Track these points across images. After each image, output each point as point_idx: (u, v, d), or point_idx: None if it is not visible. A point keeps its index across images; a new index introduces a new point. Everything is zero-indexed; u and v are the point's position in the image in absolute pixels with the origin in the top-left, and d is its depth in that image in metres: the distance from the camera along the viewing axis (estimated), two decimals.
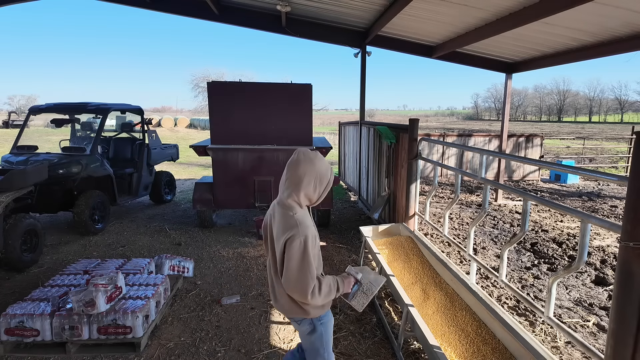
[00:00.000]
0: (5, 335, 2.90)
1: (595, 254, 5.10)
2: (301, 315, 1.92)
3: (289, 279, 1.75)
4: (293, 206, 1.82)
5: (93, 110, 6.27)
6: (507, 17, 4.83)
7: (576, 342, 1.87)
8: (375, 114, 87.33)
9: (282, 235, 1.76)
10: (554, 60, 6.54)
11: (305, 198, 1.84)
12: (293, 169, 1.82)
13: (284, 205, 1.84)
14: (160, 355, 2.95)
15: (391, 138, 5.23)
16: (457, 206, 7.87)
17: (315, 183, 1.83)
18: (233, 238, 5.68)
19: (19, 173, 4.24)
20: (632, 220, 1.44)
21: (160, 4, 7.03)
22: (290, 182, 1.82)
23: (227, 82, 5.75)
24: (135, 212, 7.12)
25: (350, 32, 7.30)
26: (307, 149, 1.87)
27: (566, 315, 3.59)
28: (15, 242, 4.26)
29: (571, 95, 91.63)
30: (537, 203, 2.21)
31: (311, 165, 1.81)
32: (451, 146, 8.51)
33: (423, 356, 2.94)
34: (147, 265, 3.91)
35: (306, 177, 1.80)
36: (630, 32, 4.92)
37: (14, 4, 7.04)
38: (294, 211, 1.81)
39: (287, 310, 1.93)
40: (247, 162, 5.66)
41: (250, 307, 3.68)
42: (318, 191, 1.85)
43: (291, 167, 1.83)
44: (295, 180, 1.81)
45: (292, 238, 1.73)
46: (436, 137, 11.51)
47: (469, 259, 2.96)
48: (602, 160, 15.55)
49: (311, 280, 1.75)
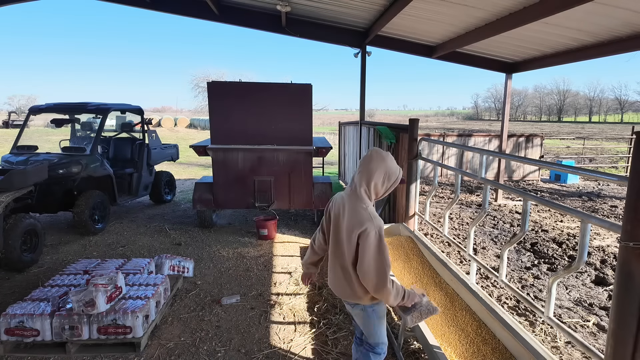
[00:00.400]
0: (5, 335, 2.90)
1: (595, 254, 5.10)
2: (356, 300, 2.09)
3: (366, 270, 1.90)
4: (364, 198, 1.99)
5: (93, 110, 6.27)
6: (507, 17, 4.83)
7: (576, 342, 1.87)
8: (375, 114, 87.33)
9: (356, 227, 1.92)
10: (554, 60, 6.54)
11: (374, 191, 2.01)
12: (366, 164, 2.00)
13: (356, 197, 2.00)
14: (160, 355, 2.95)
15: (391, 138, 5.22)
16: (457, 206, 7.87)
17: (385, 178, 2.00)
18: (233, 238, 5.68)
19: (19, 173, 4.24)
20: (632, 220, 1.44)
21: (160, 4, 7.03)
22: (362, 175, 2.00)
23: (227, 82, 5.75)
24: (135, 212, 7.12)
25: (350, 32, 7.30)
26: (380, 149, 2.06)
27: (566, 315, 3.59)
28: (15, 242, 4.26)
29: (571, 95, 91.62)
30: (537, 203, 2.21)
31: (383, 162, 2.00)
32: (451, 146, 8.51)
33: (423, 356, 2.94)
34: (147, 265, 3.91)
35: (377, 172, 1.98)
36: (630, 32, 4.92)
37: (14, 4, 7.04)
38: (365, 204, 1.98)
39: (342, 293, 2.11)
40: (247, 162, 5.66)
41: (250, 307, 3.68)
42: (385, 186, 2.03)
43: (365, 162, 2.01)
44: (367, 174, 1.99)
45: (367, 231, 1.89)
46: (436, 137, 11.51)
47: (469, 259, 2.96)
48: (602, 160, 15.55)
49: (388, 269, 1.92)
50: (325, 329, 3.32)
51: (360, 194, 1.99)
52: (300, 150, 5.66)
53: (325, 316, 3.52)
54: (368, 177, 1.99)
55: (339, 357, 2.95)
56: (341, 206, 2.05)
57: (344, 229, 1.99)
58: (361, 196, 1.99)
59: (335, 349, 3.04)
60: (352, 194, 2.02)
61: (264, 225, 5.57)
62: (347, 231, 1.97)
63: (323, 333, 3.26)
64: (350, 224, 1.95)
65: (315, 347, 3.07)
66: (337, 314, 3.54)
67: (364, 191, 2.00)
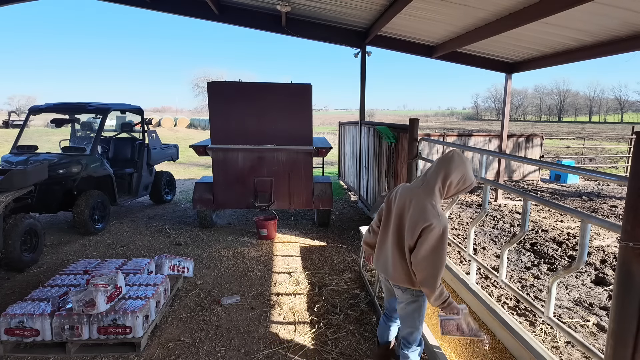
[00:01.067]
0: (5, 335, 2.90)
1: (595, 254, 5.10)
2: (409, 285, 2.16)
3: (421, 261, 1.98)
4: (436, 195, 2.04)
5: (93, 110, 6.27)
6: (507, 17, 4.83)
7: (576, 342, 1.87)
8: (375, 114, 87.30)
9: (422, 222, 1.97)
10: (554, 60, 6.54)
11: (447, 190, 2.07)
12: (447, 162, 2.07)
13: (428, 192, 2.05)
14: (160, 355, 2.95)
15: (391, 138, 5.22)
16: (457, 206, 7.87)
17: (460, 180, 2.08)
18: (233, 238, 5.68)
19: (19, 173, 4.24)
20: (632, 220, 1.44)
21: (160, 4, 7.03)
22: (439, 172, 2.06)
23: (227, 82, 5.75)
24: (135, 212, 7.12)
25: (350, 32, 7.30)
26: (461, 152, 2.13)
27: (566, 315, 3.59)
28: (15, 242, 4.26)
29: (571, 95, 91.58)
30: (537, 203, 2.20)
31: (463, 165, 2.09)
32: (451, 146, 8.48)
33: (423, 356, 2.94)
34: (147, 265, 3.91)
35: (456, 172, 2.06)
36: (630, 32, 4.92)
37: (14, 3, 7.04)
38: (435, 201, 2.03)
39: (397, 278, 2.18)
40: (247, 162, 5.66)
41: (250, 307, 3.68)
42: (459, 187, 2.09)
43: (445, 160, 2.09)
44: (446, 172, 2.05)
45: (432, 227, 1.95)
46: (436, 137, 11.51)
47: (469, 259, 2.96)
48: (602, 160, 15.55)
49: (442, 267, 1.98)
50: (325, 329, 3.32)
51: (433, 190, 2.05)
52: (300, 150, 5.66)
53: (325, 316, 3.52)
54: (445, 175, 2.05)
55: (339, 357, 2.95)
56: (408, 198, 2.12)
57: (408, 220, 2.05)
58: (433, 192, 2.04)
59: (335, 349, 3.04)
60: (424, 188, 2.08)
61: (264, 225, 5.57)
62: (411, 223, 2.03)
63: (323, 333, 3.26)
64: (416, 217, 2.01)
65: (315, 347, 3.07)
66: (337, 314, 3.55)
67: (438, 188, 2.05)
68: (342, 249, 5.31)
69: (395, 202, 2.20)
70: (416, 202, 2.05)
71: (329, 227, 6.27)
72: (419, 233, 1.98)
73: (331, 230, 6.11)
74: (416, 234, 1.99)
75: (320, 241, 5.61)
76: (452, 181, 2.06)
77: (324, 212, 6.12)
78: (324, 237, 5.81)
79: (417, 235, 1.99)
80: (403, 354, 2.31)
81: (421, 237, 1.98)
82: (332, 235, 5.90)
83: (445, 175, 2.05)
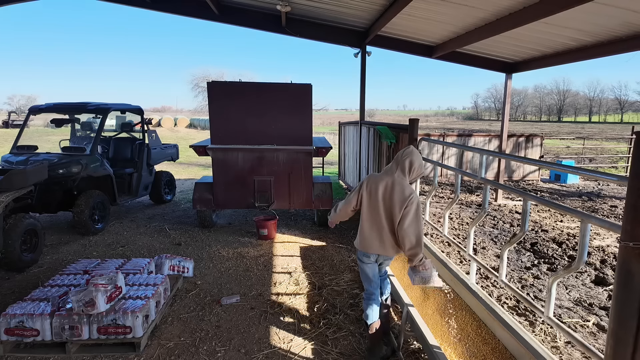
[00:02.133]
0: (5, 335, 2.90)
1: (595, 254, 5.10)
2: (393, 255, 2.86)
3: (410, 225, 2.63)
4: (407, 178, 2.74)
5: (93, 110, 6.27)
6: (507, 17, 4.82)
7: (576, 342, 1.87)
8: (375, 113, 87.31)
9: (408, 194, 2.66)
10: (553, 60, 6.54)
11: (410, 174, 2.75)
12: (409, 155, 2.75)
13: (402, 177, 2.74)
14: (160, 355, 2.95)
15: (391, 138, 5.22)
16: (457, 206, 7.87)
17: (419, 166, 2.77)
18: (233, 238, 5.68)
19: (19, 173, 4.24)
20: (632, 220, 1.44)
21: (160, 4, 7.03)
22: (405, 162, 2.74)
23: (227, 82, 5.75)
24: (135, 212, 7.12)
25: (350, 32, 7.29)
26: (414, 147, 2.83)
27: (566, 315, 3.59)
28: (15, 242, 4.26)
29: (571, 95, 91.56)
30: (537, 203, 2.20)
31: (419, 156, 2.79)
32: (451, 146, 8.51)
33: (423, 356, 2.94)
34: (147, 265, 3.91)
35: (417, 161, 2.75)
36: (630, 32, 4.92)
37: (14, 3, 7.04)
38: (407, 182, 2.74)
39: (389, 251, 2.81)
40: (247, 162, 5.65)
41: (250, 307, 3.68)
42: (418, 172, 2.78)
43: (407, 153, 2.76)
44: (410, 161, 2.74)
45: (413, 197, 2.66)
46: (436, 137, 11.51)
47: (469, 259, 2.96)
48: (602, 160, 15.55)
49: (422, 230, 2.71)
50: (325, 329, 3.32)
51: (405, 175, 2.74)
52: (300, 150, 5.66)
53: (325, 316, 3.52)
54: (411, 164, 2.73)
55: (339, 357, 2.95)
56: (388, 183, 2.73)
57: (396, 197, 2.68)
58: (405, 175, 2.74)
59: (335, 349, 3.04)
60: (398, 173, 2.74)
61: (264, 225, 5.57)
62: (398, 198, 2.67)
63: (323, 333, 3.26)
64: (402, 194, 2.67)
65: (315, 347, 3.07)
66: (337, 314, 3.55)
67: (406, 172, 2.74)
68: (342, 249, 5.31)
69: (376, 189, 2.75)
70: (397, 183, 2.71)
71: (329, 227, 6.27)
72: (405, 204, 2.63)
73: (331, 230, 6.11)
74: (404, 205, 2.64)
75: (320, 241, 5.62)
76: (414, 168, 2.74)
77: (324, 212, 6.12)
78: (324, 237, 5.81)
79: (404, 207, 2.64)
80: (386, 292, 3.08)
81: (407, 208, 2.63)
82: (332, 235, 5.90)
83: (410, 164, 2.73)
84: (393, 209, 2.69)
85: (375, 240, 2.79)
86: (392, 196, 2.69)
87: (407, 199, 2.63)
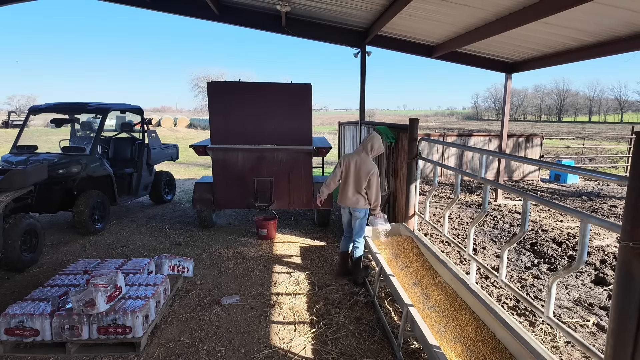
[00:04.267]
0: (5, 335, 2.90)
1: (595, 254, 5.10)
2: (361, 207, 4.06)
3: (374, 191, 3.98)
4: (370, 155, 4.04)
5: (93, 110, 6.27)
6: (507, 17, 4.83)
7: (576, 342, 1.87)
8: (375, 113, 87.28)
9: (371, 169, 3.96)
10: (553, 60, 6.54)
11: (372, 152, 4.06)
12: (370, 138, 4.07)
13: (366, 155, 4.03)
14: (160, 355, 2.95)
15: (391, 138, 5.23)
16: (457, 206, 7.87)
17: (378, 146, 4.06)
18: (233, 238, 5.68)
19: (18, 173, 4.23)
20: (632, 220, 1.44)
21: (160, 3, 7.03)
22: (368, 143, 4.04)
23: (227, 82, 5.74)
24: (135, 212, 7.12)
25: (350, 32, 7.30)
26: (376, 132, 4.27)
27: (566, 315, 3.59)
28: (15, 242, 4.26)
29: (571, 95, 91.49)
30: (537, 203, 2.21)
31: (377, 140, 4.06)
32: (451, 146, 8.51)
33: (423, 356, 2.94)
34: (147, 265, 3.91)
35: (377, 143, 4.06)
36: (630, 32, 4.93)
37: (14, 3, 7.04)
38: (369, 159, 4.02)
39: (354, 203, 4.06)
40: (247, 162, 5.65)
41: (250, 307, 3.68)
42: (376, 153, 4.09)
43: (369, 137, 4.08)
44: (371, 143, 4.04)
45: (374, 171, 3.96)
46: (436, 137, 11.51)
47: (469, 259, 2.96)
48: (602, 160, 15.55)
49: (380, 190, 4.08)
50: (325, 329, 3.32)
51: (368, 153, 4.03)
52: (300, 150, 5.66)
53: (325, 316, 3.52)
54: (372, 146, 4.04)
55: (338, 357, 2.95)
56: (356, 159, 4.02)
57: (363, 171, 3.96)
58: (368, 154, 4.03)
59: (335, 349, 3.04)
60: (363, 153, 4.03)
61: (263, 225, 5.57)
62: (363, 171, 3.96)
63: (323, 333, 3.26)
64: (366, 168, 3.96)
65: (315, 347, 3.07)
66: (337, 314, 3.55)
67: (369, 152, 4.03)
68: None
69: (348, 164, 4.03)
70: (362, 160, 4.00)
71: (328, 227, 6.27)
72: (368, 176, 3.94)
73: (331, 230, 6.11)
74: (368, 176, 3.94)
75: (320, 241, 5.62)
76: (374, 148, 4.03)
77: (324, 212, 6.12)
78: (324, 237, 5.81)
79: (367, 177, 3.94)
80: (355, 245, 4.19)
81: (370, 179, 3.95)
82: (332, 235, 5.90)
83: (371, 146, 4.04)
84: (359, 177, 3.98)
85: (346, 197, 4.07)
86: (359, 169, 3.98)
87: (369, 172, 3.94)
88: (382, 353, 3.01)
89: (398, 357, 2.92)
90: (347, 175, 4.05)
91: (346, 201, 4.08)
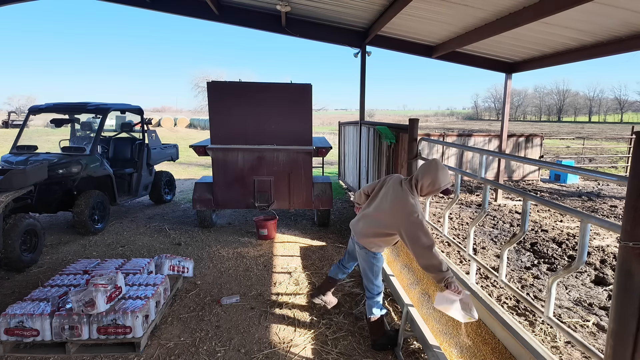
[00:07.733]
0: (5, 335, 2.90)
1: (595, 254, 5.10)
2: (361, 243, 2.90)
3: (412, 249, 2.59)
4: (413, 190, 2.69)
5: (93, 110, 6.27)
6: (507, 17, 4.83)
7: (576, 342, 1.87)
8: (375, 113, 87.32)
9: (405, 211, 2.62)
10: (553, 60, 6.54)
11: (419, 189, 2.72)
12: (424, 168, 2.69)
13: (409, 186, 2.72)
14: (160, 355, 2.95)
15: (391, 138, 5.23)
16: (457, 206, 7.87)
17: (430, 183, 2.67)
18: (233, 238, 5.68)
19: (18, 173, 4.23)
20: (632, 220, 1.44)
21: (160, 4, 7.02)
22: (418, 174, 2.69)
23: (227, 82, 5.74)
24: (135, 212, 7.12)
25: (350, 32, 7.29)
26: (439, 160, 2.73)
27: (566, 315, 3.59)
28: (15, 242, 4.26)
29: (571, 95, 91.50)
30: (537, 203, 2.21)
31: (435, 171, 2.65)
32: (451, 146, 8.51)
33: (423, 356, 2.94)
34: (147, 265, 3.91)
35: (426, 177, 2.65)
36: (630, 32, 4.92)
37: (14, 3, 7.04)
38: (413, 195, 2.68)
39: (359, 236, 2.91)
40: (247, 162, 5.65)
41: (250, 307, 3.68)
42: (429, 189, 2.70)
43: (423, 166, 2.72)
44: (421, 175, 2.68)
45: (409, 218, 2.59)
46: (436, 137, 11.51)
47: (469, 259, 2.96)
48: (602, 160, 15.55)
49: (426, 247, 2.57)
50: (325, 329, 3.32)
51: (412, 187, 2.70)
52: (300, 150, 5.65)
53: (325, 316, 3.52)
54: (417, 180, 2.69)
55: (338, 357, 2.95)
56: (392, 186, 2.76)
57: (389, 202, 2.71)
58: (412, 188, 2.70)
59: (335, 349, 3.04)
60: (406, 183, 2.73)
61: (263, 225, 5.57)
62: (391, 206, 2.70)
63: (323, 333, 3.26)
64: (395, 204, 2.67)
65: (315, 347, 3.07)
66: (337, 314, 3.55)
67: (413, 185, 2.70)
68: (342, 249, 5.31)
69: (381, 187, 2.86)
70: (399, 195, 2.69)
71: (329, 227, 6.27)
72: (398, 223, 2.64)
73: (331, 230, 6.11)
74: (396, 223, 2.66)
75: (320, 241, 5.61)
76: (423, 184, 2.67)
77: (324, 212, 6.12)
78: (324, 237, 5.81)
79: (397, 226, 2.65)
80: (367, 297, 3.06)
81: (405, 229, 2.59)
82: (332, 235, 5.90)
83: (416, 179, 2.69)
84: (382, 212, 2.76)
85: (358, 225, 2.96)
86: (389, 202, 2.73)
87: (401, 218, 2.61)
88: (382, 353, 3.01)
89: (398, 357, 2.92)
90: (373, 197, 2.90)
91: (355, 227, 2.98)
